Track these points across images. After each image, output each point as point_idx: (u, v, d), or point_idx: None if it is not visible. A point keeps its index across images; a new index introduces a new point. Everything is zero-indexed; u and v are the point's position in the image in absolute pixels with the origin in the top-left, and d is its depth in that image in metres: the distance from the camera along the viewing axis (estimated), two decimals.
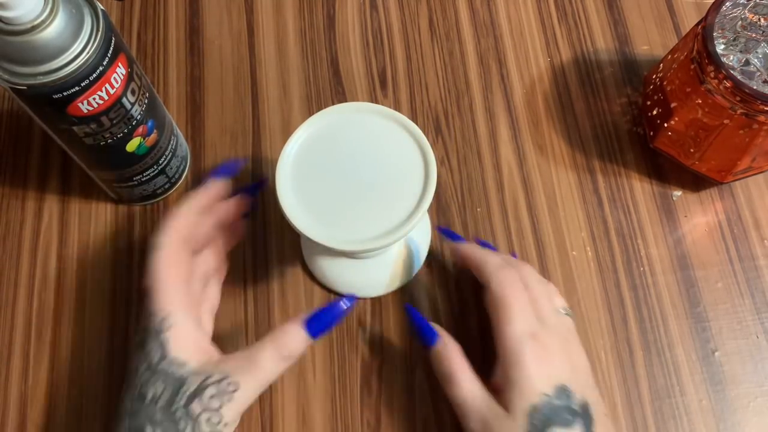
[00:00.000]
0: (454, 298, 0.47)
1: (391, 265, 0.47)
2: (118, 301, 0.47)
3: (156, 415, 0.33)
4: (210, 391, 0.34)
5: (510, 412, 0.35)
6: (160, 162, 0.47)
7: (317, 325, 0.36)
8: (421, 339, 0.40)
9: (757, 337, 0.46)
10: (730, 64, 0.43)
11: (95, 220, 0.50)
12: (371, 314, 0.47)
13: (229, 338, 0.46)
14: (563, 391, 0.35)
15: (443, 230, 0.48)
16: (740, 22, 0.44)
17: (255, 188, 0.46)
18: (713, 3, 0.43)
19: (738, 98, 0.41)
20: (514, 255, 0.48)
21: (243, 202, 0.43)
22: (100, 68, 0.37)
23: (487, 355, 0.46)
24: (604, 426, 0.36)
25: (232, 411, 0.34)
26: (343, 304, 0.37)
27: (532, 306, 0.38)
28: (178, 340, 0.35)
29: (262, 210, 0.50)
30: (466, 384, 0.37)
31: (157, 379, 0.34)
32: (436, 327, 0.40)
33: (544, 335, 0.37)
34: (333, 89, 0.54)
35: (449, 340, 0.39)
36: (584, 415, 0.35)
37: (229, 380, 0.34)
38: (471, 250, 0.42)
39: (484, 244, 0.46)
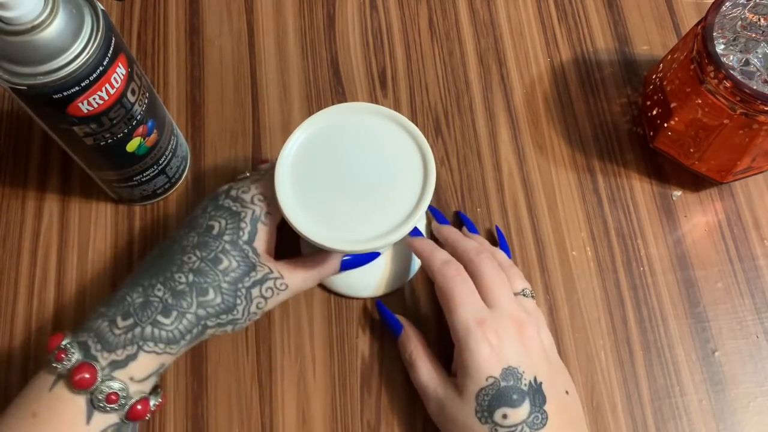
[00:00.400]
0: None
1: (391, 264, 0.47)
2: None
3: (223, 284, 0.39)
4: (268, 283, 0.40)
5: (462, 396, 0.38)
6: (160, 162, 0.47)
7: (349, 264, 0.44)
8: (390, 331, 0.45)
9: (757, 337, 0.46)
10: (730, 64, 0.43)
11: (95, 220, 0.50)
12: (371, 314, 0.47)
13: (229, 339, 0.46)
14: (511, 372, 0.37)
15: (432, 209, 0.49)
16: (740, 22, 0.44)
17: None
18: (713, 3, 0.43)
19: (738, 98, 0.41)
20: (498, 230, 0.48)
21: None
22: (100, 68, 0.37)
23: None
24: (559, 403, 0.38)
25: (275, 302, 0.41)
26: (370, 257, 0.45)
27: (479, 294, 0.40)
28: (263, 235, 0.40)
29: None
30: (424, 370, 0.41)
31: (236, 255, 0.39)
32: (402, 319, 0.45)
33: (492, 320, 0.38)
34: (333, 89, 0.54)
35: (411, 331, 0.44)
36: (535, 394, 0.37)
37: (283, 281, 0.41)
38: (421, 247, 0.43)
39: (465, 220, 0.48)
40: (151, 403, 0.38)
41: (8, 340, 0.46)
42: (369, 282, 0.47)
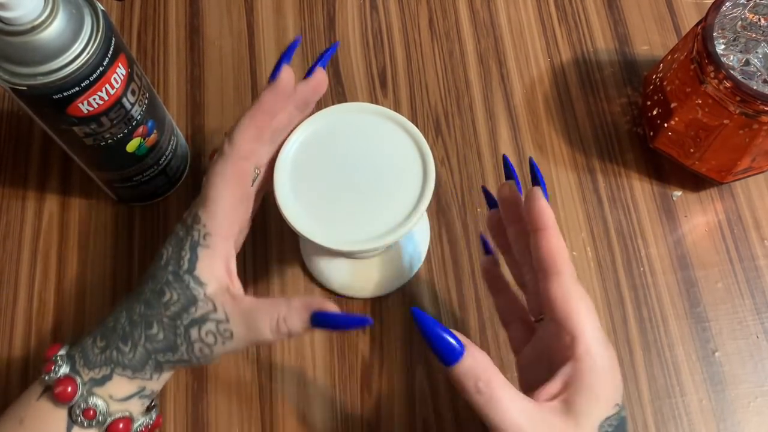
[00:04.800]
0: (454, 297, 0.47)
1: (391, 265, 0.47)
2: (118, 300, 0.47)
3: (164, 319, 0.35)
4: (209, 326, 0.35)
5: (579, 423, 0.31)
6: (161, 162, 0.47)
7: (323, 322, 0.35)
8: (441, 356, 0.32)
9: (757, 337, 0.46)
10: (730, 64, 0.43)
11: (95, 220, 0.50)
12: (371, 314, 0.47)
13: None
14: (622, 403, 0.34)
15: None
16: (740, 22, 0.44)
17: (328, 56, 0.40)
18: (713, 3, 0.43)
19: (738, 98, 0.41)
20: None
21: (320, 78, 0.39)
22: (101, 68, 0.37)
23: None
24: None
25: (222, 351, 0.36)
26: (357, 322, 0.34)
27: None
28: (207, 261, 0.36)
29: (262, 211, 0.50)
30: (512, 401, 0.31)
31: (177, 286, 0.35)
32: (462, 338, 0.32)
33: (610, 344, 0.34)
34: (333, 89, 0.54)
35: (477, 352, 0.32)
36: None
37: (227, 327, 0.35)
38: (560, 246, 0.35)
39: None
40: (139, 422, 0.37)
41: (8, 341, 0.46)
42: (368, 282, 0.47)
